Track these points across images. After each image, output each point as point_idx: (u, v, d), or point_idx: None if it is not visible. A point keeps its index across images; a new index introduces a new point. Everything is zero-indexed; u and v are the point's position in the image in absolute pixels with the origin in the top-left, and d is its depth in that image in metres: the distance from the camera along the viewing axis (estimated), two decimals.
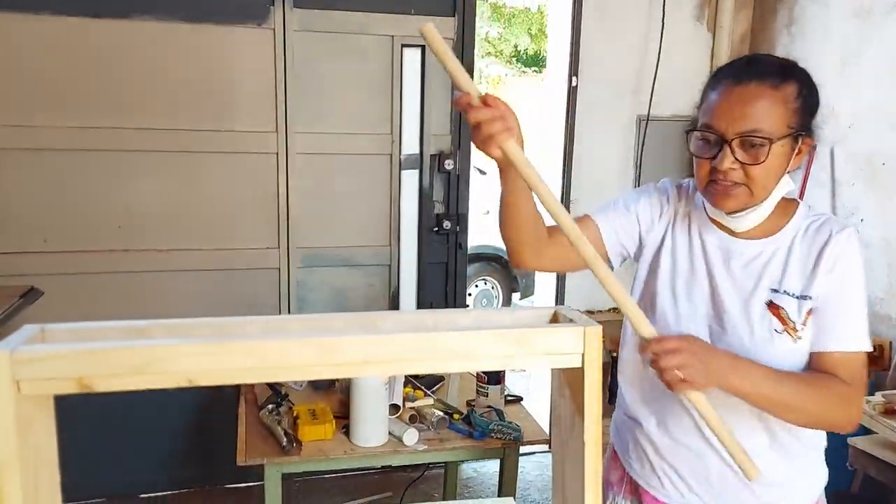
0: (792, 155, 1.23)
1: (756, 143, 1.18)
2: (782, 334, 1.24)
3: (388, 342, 0.72)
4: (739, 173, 1.20)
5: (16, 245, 2.84)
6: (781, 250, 1.28)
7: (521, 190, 1.19)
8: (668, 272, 1.36)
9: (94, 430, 2.97)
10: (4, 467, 0.64)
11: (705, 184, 1.25)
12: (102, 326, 0.72)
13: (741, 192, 1.21)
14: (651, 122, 3.53)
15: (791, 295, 1.25)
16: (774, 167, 1.20)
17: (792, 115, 1.20)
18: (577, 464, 0.78)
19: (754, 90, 1.18)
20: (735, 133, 1.18)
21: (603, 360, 2.86)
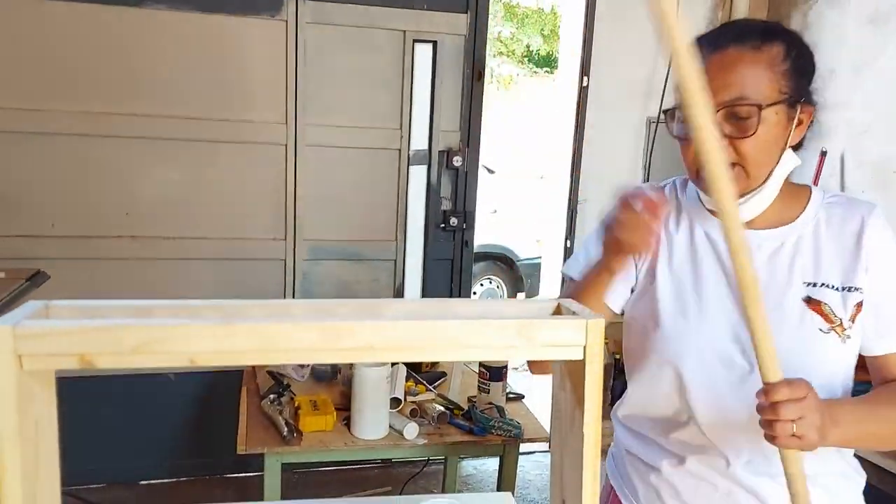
0: (791, 126, 1.08)
1: (742, 113, 1.04)
2: (829, 334, 1.08)
3: (390, 329, 0.72)
4: (730, 152, 1.05)
5: (24, 229, 2.85)
6: (806, 238, 1.12)
7: None
8: (667, 283, 1.18)
9: (96, 417, 2.98)
10: (5, 440, 0.64)
11: (695, 171, 1.10)
12: (107, 305, 0.73)
13: (735, 173, 1.06)
14: (661, 125, 3.52)
15: (832, 287, 1.09)
16: (769, 140, 1.06)
17: (781, 79, 1.06)
18: (576, 457, 0.77)
19: (733, 54, 1.05)
20: (717, 104, 1.03)
21: (605, 362, 2.85)
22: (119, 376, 3.01)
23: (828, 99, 1.18)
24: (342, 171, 3.15)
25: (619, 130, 3.54)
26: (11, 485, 0.65)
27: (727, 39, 1.07)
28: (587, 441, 0.76)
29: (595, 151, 3.52)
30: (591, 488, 0.77)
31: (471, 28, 3.17)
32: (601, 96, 3.46)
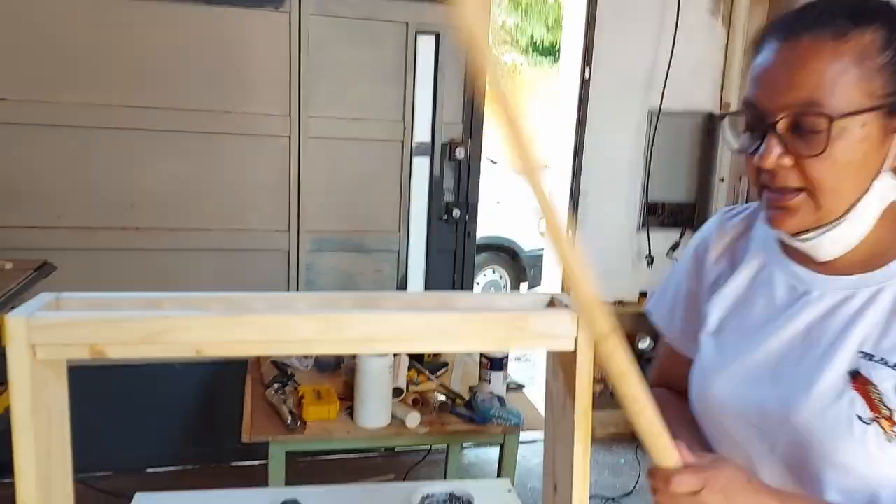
0: (891, 142, 0.81)
1: (808, 125, 0.79)
2: (870, 425, 0.81)
3: (389, 321, 0.74)
4: (794, 174, 0.82)
5: (31, 220, 2.88)
6: (887, 294, 0.85)
7: None
8: (723, 305, 1.00)
9: (102, 406, 3.01)
10: (20, 427, 0.67)
11: (759, 192, 0.88)
12: (116, 297, 0.75)
13: (801, 202, 0.83)
14: (663, 117, 3.54)
15: (891, 366, 0.82)
16: (851, 161, 0.80)
17: (876, 78, 0.79)
18: (567, 444, 0.80)
19: (807, 45, 0.79)
20: (780, 110, 0.81)
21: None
22: (125, 366, 3.05)
23: None
24: (345, 162, 3.17)
25: (620, 122, 3.56)
26: (26, 469, 0.68)
27: (803, 26, 0.81)
28: (578, 428, 0.78)
29: (597, 143, 3.54)
30: (581, 474, 0.80)
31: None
32: (603, 88, 3.48)
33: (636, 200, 3.67)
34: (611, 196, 3.64)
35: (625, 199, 3.66)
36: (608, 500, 3.24)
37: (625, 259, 3.72)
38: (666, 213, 3.72)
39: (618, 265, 3.72)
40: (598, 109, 3.50)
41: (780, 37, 0.83)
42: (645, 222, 3.68)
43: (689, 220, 3.76)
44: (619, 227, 3.69)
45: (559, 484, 0.86)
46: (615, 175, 3.62)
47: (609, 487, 3.34)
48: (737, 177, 3.70)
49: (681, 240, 3.74)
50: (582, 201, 3.60)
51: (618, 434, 3.81)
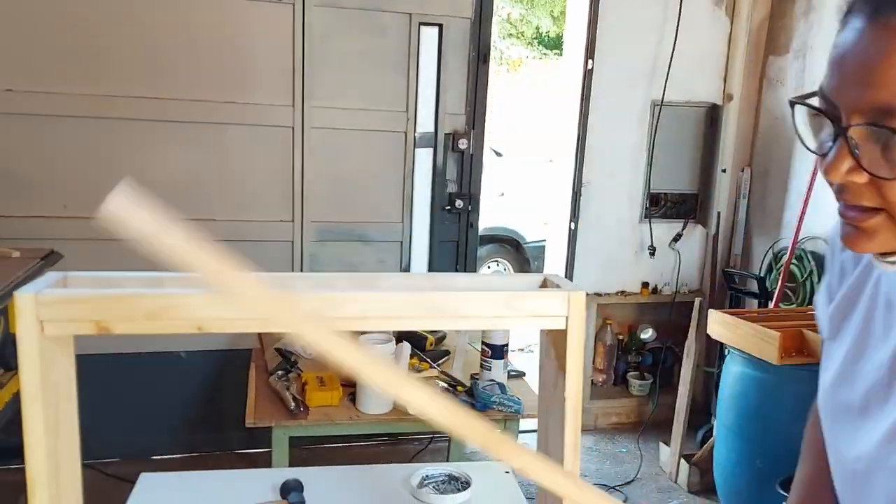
0: None
1: (886, 138, 0.61)
2: None
3: (385, 300, 0.77)
4: (870, 192, 0.65)
5: (38, 209, 2.91)
6: None
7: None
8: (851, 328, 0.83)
9: (109, 394, 3.05)
10: (29, 400, 0.70)
11: (837, 194, 0.70)
12: (121, 276, 0.78)
13: (879, 224, 0.66)
14: (665, 107, 3.55)
15: None
16: None
17: None
18: (558, 420, 0.82)
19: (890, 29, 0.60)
20: (854, 112, 0.63)
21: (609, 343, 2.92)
22: (132, 354, 3.09)
23: None
24: (348, 153, 3.20)
25: (623, 113, 3.57)
26: (36, 442, 0.71)
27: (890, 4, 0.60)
28: (568, 406, 0.81)
29: (599, 134, 3.55)
30: (571, 451, 0.82)
31: (476, 10, 3.20)
32: (606, 79, 3.49)
33: (639, 191, 3.68)
34: (613, 187, 3.65)
35: (627, 189, 3.67)
36: (609, 488, 3.26)
37: (627, 250, 3.74)
38: (668, 203, 3.73)
39: (620, 256, 3.74)
40: (600, 100, 3.51)
41: (868, 12, 0.63)
42: (647, 213, 3.70)
43: (691, 210, 3.77)
44: (622, 218, 3.70)
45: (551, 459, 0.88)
46: (618, 166, 3.63)
47: (610, 476, 3.37)
48: (739, 167, 3.71)
49: (683, 230, 3.75)
50: (584, 192, 3.61)
51: (619, 424, 3.84)
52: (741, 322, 2.77)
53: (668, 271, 3.80)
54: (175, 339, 3.15)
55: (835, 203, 0.72)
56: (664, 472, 3.42)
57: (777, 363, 2.59)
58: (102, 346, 2.95)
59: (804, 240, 3.25)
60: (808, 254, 3.21)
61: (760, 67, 3.63)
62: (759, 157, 3.69)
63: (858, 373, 0.78)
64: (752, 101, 3.67)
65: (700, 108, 3.65)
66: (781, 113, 3.50)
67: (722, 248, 3.76)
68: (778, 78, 3.53)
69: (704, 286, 3.84)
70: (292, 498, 1.26)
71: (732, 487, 2.90)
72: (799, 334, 2.65)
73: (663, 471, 3.43)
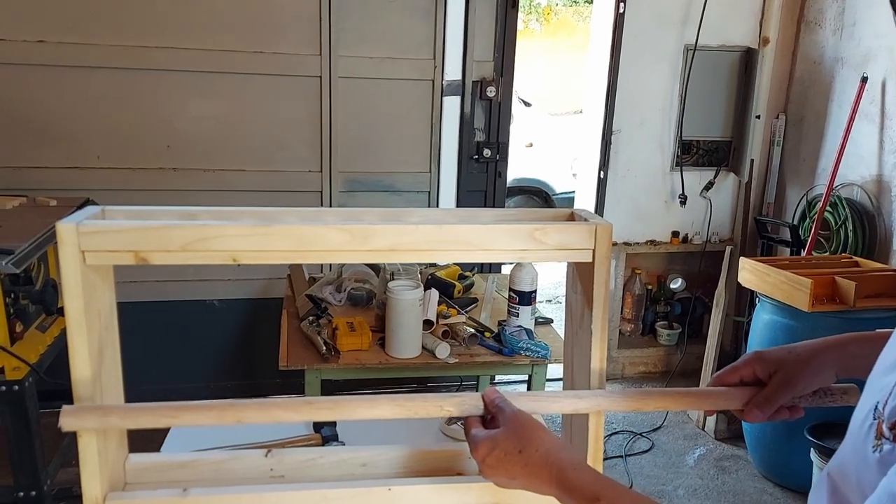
0: None
1: None
2: None
3: (413, 232, 0.78)
4: None
5: (73, 161, 2.96)
6: None
7: None
8: None
9: (144, 342, 3.12)
10: (74, 326, 0.73)
11: None
12: (156, 210, 0.80)
13: None
14: (699, 52, 3.47)
15: None
16: None
17: None
18: (584, 352, 0.84)
19: None
20: None
21: (637, 293, 2.92)
22: (166, 302, 3.16)
23: (870, 25, 0.93)
24: (376, 102, 3.18)
25: (655, 58, 3.50)
26: (81, 366, 0.74)
27: None
28: (595, 338, 0.82)
29: (630, 80, 3.49)
30: (597, 382, 0.83)
31: None
32: (638, 22, 3.41)
33: (670, 139, 3.63)
34: (644, 134, 3.60)
35: (658, 137, 3.62)
36: (636, 434, 3.30)
37: (658, 198, 3.71)
38: (700, 151, 3.68)
39: (650, 205, 3.70)
40: (632, 45, 3.44)
41: None
42: (679, 161, 3.65)
43: (724, 158, 3.71)
44: (653, 166, 3.66)
45: (576, 425, 0.89)
46: (649, 113, 3.57)
47: (637, 423, 3.40)
48: (774, 114, 3.63)
49: (715, 178, 3.70)
50: (615, 140, 3.57)
51: (647, 373, 3.86)
52: (772, 269, 2.75)
53: (699, 220, 3.76)
54: (208, 288, 3.21)
55: (871, 150, 0.68)
56: (691, 419, 3.44)
57: (808, 310, 2.58)
58: (138, 295, 3.03)
59: (839, 187, 3.18)
60: (843, 201, 3.15)
61: (798, 9, 3.52)
62: (795, 103, 3.60)
63: None
64: (789, 45, 3.57)
65: (734, 52, 3.56)
66: (819, 57, 3.40)
67: (755, 196, 3.71)
68: (816, 20, 3.42)
69: (736, 235, 3.80)
70: (325, 432, 1.30)
71: (760, 434, 2.92)
72: (831, 281, 2.63)
73: (690, 419, 3.45)
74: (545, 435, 0.77)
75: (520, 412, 0.79)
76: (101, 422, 0.75)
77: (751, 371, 0.87)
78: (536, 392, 0.80)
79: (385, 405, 0.78)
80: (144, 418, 0.76)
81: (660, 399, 0.84)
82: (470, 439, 0.79)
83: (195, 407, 0.77)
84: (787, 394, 0.84)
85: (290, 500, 0.81)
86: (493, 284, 2.78)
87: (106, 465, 0.78)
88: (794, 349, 0.86)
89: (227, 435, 1.35)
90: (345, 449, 0.93)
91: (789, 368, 0.84)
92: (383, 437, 1.36)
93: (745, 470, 3.05)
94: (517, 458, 0.75)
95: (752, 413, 0.84)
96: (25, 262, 1.87)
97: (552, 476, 0.74)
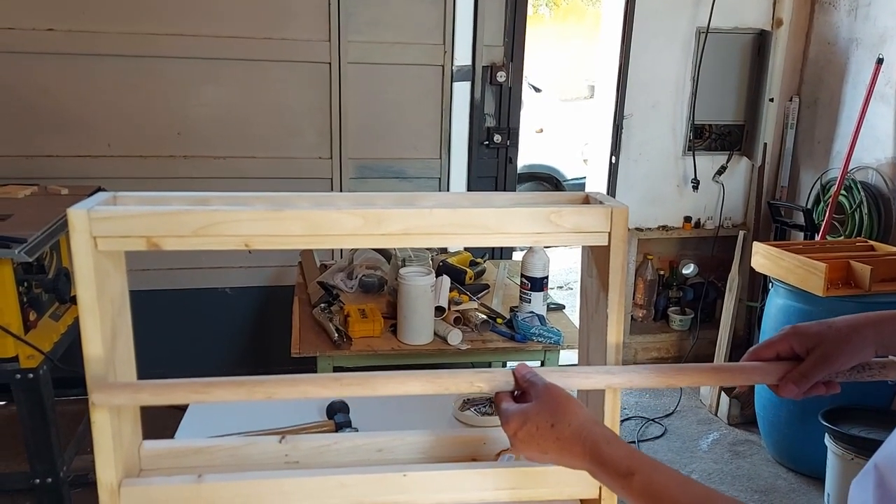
0: None
1: None
2: None
3: (426, 216, 0.77)
4: None
5: (84, 149, 2.97)
6: None
7: None
8: None
9: (157, 328, 3.13)
10: (86, 313, 0.72)
11: None
12: (168, 196, 0.80)
13: None
14: (711, 34, 3.42)
15: None
16: None
17: None
18: (600, 336, 0.83)
19: None
20: None
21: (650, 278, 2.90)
22: (179, 290, 3.17)
23: (886, 4, 0.94)
24: (385, 88, 3.17)
25: (667, 41, 3.46)
26: (94, 351, 0.74)
27: None
28: (610, 322, 0.81)
29: (642, 64, 3.45)
30: (611, 399, 0.82)
31: None
32: (649, 4, 3.37)
33: (682, 122, 3.59)
34: (656, 118, 3.57)
35: (670, 121, 3.59)
36: (648, 420, 3.30)
37: (670, 183, 3.68)
38: (713, 135, 3.64)
39: (662, 190, 3.68)
40: (643, 28, 3.40)
41: None
42: (691, 145, 3.61)
43: (736, 142, 3.67)
44: (665, 151, 3.63)
45: (592, 404, 0.88)
46: (661, 96, 3.54)
47: (650, 409, 3.39)
48: (787, 96, 3.59)
49: (728, 163, 3.67)
50: (626, 125, 3.54)
51: (659, 359, 3.84)
52: (786, 254, 2.73)
53: (712, 205, 3.73)
54: (221, 276, 3.22)
55: (887, 132, 0.69)
56: (704, 405, 3.43)
57: (822, 295, 2.55)
58: (151, 282, 3.04)
59: (854, 170, 3.15)
60: (858, 184, 3.12)
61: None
62: (809, 85, 3.55)
63: None
64: (803, 27, 3.52)
65: (748, 34, 3.51)
66: (833, 38, 3.36)
67: (768, 180, 3.68)
68: (830, 0, 3.37)
69: (749, 219, 3.77)
70: (338, 418, 1.29)
71: (774, 419, 2.90)
72: (846, 265, 2.60)
73: (703, 404, 3.44)
74: (578, 409, 0.76)
75: (552, 386, 0.78)
76: (132, 398, 0.75)
77: (788, 346, 0.85)
78: (567, 367, 0.79)
79: (415, 381, 0.77)
80: (176, 394, 0.76)
81: (692, 374, 0.83)
82: (501, 413, 0.79)
83: (225, 383, 0.77)
84: (825, 370, 0.82)
85: (305, 486, 0.81)
86: (505, 270, 2.77)
87: (120, 451, 0.78)
88: (833, 324, 0.84)
89: (241, 421, 1.35)
90: (360, 435, 0.93)
91: (828, 344, 0.83)
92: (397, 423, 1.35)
93: (758, 455, 3.04)
94: (549, 432, 0.75)
95: (788, 388, 0.82)
96: (38, 251, 1.87)
97: (585, 451, 0.73)
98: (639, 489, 0.69)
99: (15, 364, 1.92)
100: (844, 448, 2.45)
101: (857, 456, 2.40)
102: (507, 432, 0.77)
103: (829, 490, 2.57)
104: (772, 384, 0.84)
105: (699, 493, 0.67)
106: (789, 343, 0.85)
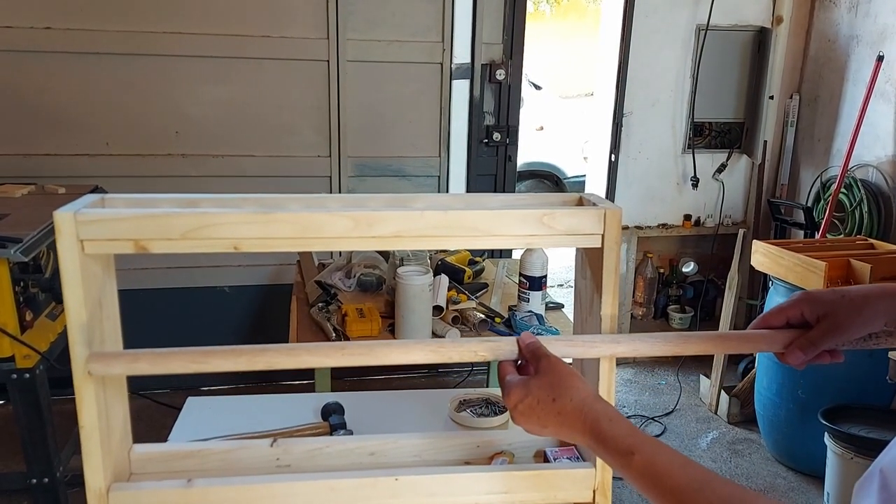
0: None
1: None
2: None
3: (418, 218, 0.76)
4: None
5: (82, 148, 2.96)
6: None
7: None
8: None
9: (157, 328, 3.13)
10: (73, 315, 0.72)
11: None
12: (157, 198, 0.79)
13: None
14: (711, 32, 3.41)
15: None
16: None
17: None
18: None
19: None
20: None
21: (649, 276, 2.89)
22: (176, 289, 3.17)
23: (886, 1, 0.96)
24: (384, 86, 3.16)
25: (666, 38, 3.45)
26: (79, 353, 0.73)
27: None
28: (604, 325, 0.80)
29: (642, 61, 3.44)
30: (607, 368, 0.82)
31: None
32: (649, 3, 3.36)
33: (682, 121, 3.58)
34: (655, 116, 3.56)
35: (670, 119, 3.57)
36: (648, 418, 3.29)
37: (669, 181, 3.67)
38: (713, 133, 3.63)
39: (662, 188, 3.67)
40: (643, 25, 3.39)
41: None
42: (691, 143, 3.60)
43: (736, 140, 3.66)
44: (664, 148, 3.62)
45: (587, 378, 0.88)
46: (660, 94, 3.53)
47: (649, 407, 3.39)
48: (787, 94, 3.58)
49: (728, 161, 3.66)
50: (626, 122, 3.53)
51: (659, 357, 3.84)
52: (786, 252, 2.72)
53: (712, 203, 3.72)
54: (218, 275, 3.21)
55: (887, 130, 0.69)
56: (703, 403, 3.42)
57: None
58: (147, 282, 3.03)
59: (854, 168, 3.13)
60: (859, 182, 3.10)
61: None
62: (809, 82, 3.54)
63: None
64: (803, 24, 3.51)
65: (747, 31, 3.50)
66: (834, 35, 3.34)
67: (768, 178, 3.66)
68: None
69: (749, 218, 3.76)
70: (333, 420, 1.29)
71: (773, 417, 2.89)
72: (846, 264, 2.59)
73: (703, 402, 3.43)
74: (580, 384, 0.75)
75: (555, 359, 0.77)
76: (129, 367, 0.75)
77: (798, 312, 0.84)
78: (572, 336, 0.78)
79: (419, 350, 0.77)
80: (174, 363, 0.76)
81: (699, 342, 0.82)
82: (503, 385, 0.79)
83: (225, 352, 0.77)
84: (834, 339, 0.81)
85: (296, 490, 0.80)
86: (504, 269, 2.76)
87: (109, 455, 0.78)
88: (847, 293, 0.83)
89: (238, 421, 1.35)
90: (352, 438, 0.92)
91: (840, 313, 0.81)
92: (392, 423, 1.35)
93: (758, 453, 3.03)
94: (550, 406, 0.74)
95: (795, 354, 0.81)
96: (34, 251, 1.87)
97: (586, 426, 0.73)
98: (639, 468, 0.68)
99: (11, 364, 1.91)
100: (844, 447, 2.44)
101: (856, 455, 2.39)
102: (507, 404, 0.78)
103: (828, 489, 2.56)
104: (778, 352, 0.83)
105: (699, 476, 0.66)
106: (800, 309, 0.83)
